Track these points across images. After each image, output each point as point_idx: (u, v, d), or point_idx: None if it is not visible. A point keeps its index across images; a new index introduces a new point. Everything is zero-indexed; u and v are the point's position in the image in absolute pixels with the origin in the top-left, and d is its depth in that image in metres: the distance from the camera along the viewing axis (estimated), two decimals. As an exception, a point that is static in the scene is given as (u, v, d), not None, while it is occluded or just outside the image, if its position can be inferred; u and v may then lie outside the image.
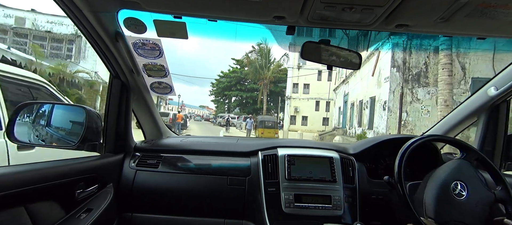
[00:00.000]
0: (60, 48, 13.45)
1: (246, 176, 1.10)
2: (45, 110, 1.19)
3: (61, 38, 13.36)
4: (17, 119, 0.99)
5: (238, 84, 33.16)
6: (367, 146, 1.20)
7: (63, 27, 13.12)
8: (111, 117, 1.08)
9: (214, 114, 45.29)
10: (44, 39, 13.13)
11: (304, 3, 0.71)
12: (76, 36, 13.02)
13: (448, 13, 0.71)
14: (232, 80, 33.35)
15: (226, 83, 34.16)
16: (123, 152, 1.14)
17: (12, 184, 0.70)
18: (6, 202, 0.69)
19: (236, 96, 34.97)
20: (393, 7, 0.70)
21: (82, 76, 12.40)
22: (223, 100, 38.75)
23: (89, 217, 0.86)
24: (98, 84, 13.11)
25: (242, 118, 24.27)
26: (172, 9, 0.82)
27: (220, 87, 35.68)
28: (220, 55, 74.89)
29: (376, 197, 1.08)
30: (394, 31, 0.86)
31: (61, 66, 11.12)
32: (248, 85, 32.74)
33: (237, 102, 35.21)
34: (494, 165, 0.91)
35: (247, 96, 32.43)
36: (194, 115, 52.35)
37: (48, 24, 13.13)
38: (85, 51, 13.49)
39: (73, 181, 0.88)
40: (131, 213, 1.07)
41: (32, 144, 1.03)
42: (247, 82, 32.95)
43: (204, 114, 55.78)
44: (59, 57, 12.84)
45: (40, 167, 0.81)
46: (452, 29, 0.83)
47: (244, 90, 33.14)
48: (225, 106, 39.60)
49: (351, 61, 0.98)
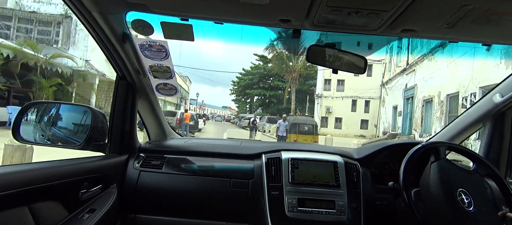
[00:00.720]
0: (46, 32, 11.18)
1: (250, 179, 1.10)
2: (51, 110, 1.20)
3: (48, 20, 11.11)
4: (23, 118, 1.01)
5: (260, 81, 30.65)
6: (371, 151, 1.19)
7: (51, 7, 11.06)
8: (117, 117, 1.09)
9: (236, 114, 42.80)
10: (30, 22, 11.07)
11: (310, 6, 0.71)
12: (65, 16, 10.98)
13: (454, 19, 0.72)
14: (254, 78, 30.98)
15: (248, 81, 31.64)
16: (127, 153, 1.14)
17: (15, 184, 0.70)
18: (9, 202, 0.69)
19: (258, 95, 32.32)
20: (399, 12, 0.70)
21: (66, 64, 10.10)
22: (244, 99, 36.42)
23: (92, 217, 0.86)
24: (92, 76, 11.14)
25: (265, 119, 21.77)
26: (179, 12, 0.83)
27: (241, 85, 33.12)
28: (245, 57, 76.18)
29: (381, 203, 1.07)
30: (400, 36, 0.86)
31: (30, 46, 8.59)
32: (271, 82, 30.15)
33: (260, 101, 32.56)
34: (508, 185, 0.88)
35: (270, 95, 29.87)
36: (215, 115, 51.45)
37: (35, 4, 11.09)
38: (75, 36, 11.18)
39: (77, 181, 0.89)
40: (134, 214, 1.06)
41: (38, 143, 1.03)
42: (270, 80, 30.40)
43: (226, 115, 54.75)
44: (44, 42, 10.50)
45: (44, 166, 0.82)
46: (457, 35, 0.83)
47: (267, 88, 30.46)
48: (246, 106, 37.36)
49: (356, 65, 0.98)
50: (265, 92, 30.38)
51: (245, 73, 33.03)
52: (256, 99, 33.47)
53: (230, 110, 65.22)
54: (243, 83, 32.54)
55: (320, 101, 21.95)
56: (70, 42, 11.25)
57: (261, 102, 32.41)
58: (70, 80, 10.60)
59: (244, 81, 32.35)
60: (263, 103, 32.30)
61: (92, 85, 11.63)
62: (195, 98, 37.39)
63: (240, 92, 34.90)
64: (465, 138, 1.29)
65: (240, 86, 33.91)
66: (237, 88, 35.31)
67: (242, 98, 36.29)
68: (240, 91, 34.57)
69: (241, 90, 33.70)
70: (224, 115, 50.36)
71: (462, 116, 1.27)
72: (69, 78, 10.44)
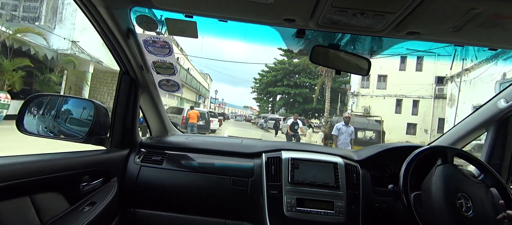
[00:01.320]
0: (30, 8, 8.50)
1: (249, 177, 1.10)
2: (54, 102, 1.21)
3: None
4: (27, 110, 1.01)
5: (285, 78, 27.17)
6: (372, 153, 1.19)
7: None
8: (119, 112, 1.09)
9: (257, 114, 40.67)
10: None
11: (315, 7, 0.71)
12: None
13: (461, 22, 0.71)
14: (278, 74, 27.65)
15: (271, 78, 28.55)
16: (128, 147, 1.15)
17: (18, 174, 0.71)
18: (12, 192, 0.70)
19: (282, 94, 28.68)
20: (404, 14, 0.70)
21: (41, 45, 7.79)
22: (266, 98, 33.20)
23: (93, 210, 0.87)
24: (83, 63, 9.16)
25: (291, 119, 18.01)
26: (183, 8, 0.83)
27: (264, 82, 30.24)
28: (266, 57, 73.97)
29: (380, 206, 1.07)
30: (405, 38, 0.86)
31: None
32: (297, 79, 26.77)
33: (283, 100, 29.04)
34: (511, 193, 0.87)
35: (295, 93, 26.40)
36: (236, 115, 50.45)
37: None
38: (63, 11, 8.85)
39: (78, 173, 0.89)
40: (134, 208, 1.07)
41: (40, 135, 1.04)
42: (296, 76, 27.18)
43: (247, 114, 53.65)
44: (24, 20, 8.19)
45: (47, 158, 0.82)
46: (464, 39, 0.82)
47: (292, 86, 26.95)
48: (268, 105, 34.23)
49: (359, 67, 0.98)
50: (289, 90, 26.95)
51: (268, 70, 30.05)
52: (279, 98, 30.17)
53: (251, 110, 64.67)
54: (266, 81, 29.74)
55: (356, 101, 18.03)
56: (56, 20, 8.77)
57: (285, 102, 29.02)
58: (51, 65, 8.31)
59: (267, 79, 29.52)
60: (286, 102, 28.93)
61: (84, 74, 9.62)
62: (215, 97, 35.15)
63: (262, 91, 31.98)
64: (468, 142, 1.28)
65: (262, 84, 31.10)
66: (259, 86, 32.51)
67: (264, 97, 33.13)
68: (262, 90, 31.50)
69: (263, 88, 30.82)
70: (245, 115, 48.48)
71: (465, 121, 1.26)
72: (46, 62, 8.11)
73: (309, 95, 25.89)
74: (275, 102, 31.45)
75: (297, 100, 26.81)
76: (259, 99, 34.86)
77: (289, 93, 27.34)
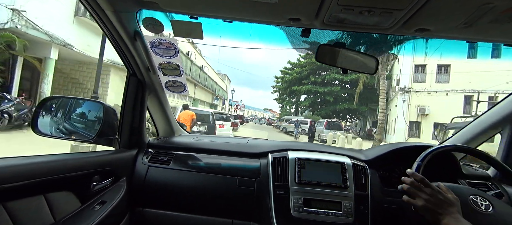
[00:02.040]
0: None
1: (256, 177, 1.10)
2: (65, 104, 1.25)
3: None
4: (40, 112, 1.05)
5: (311, 75, 23.32)
6: (380, 153, 1.17)
7: None
8: (127, 113, 1.12)
9: (278, 117, 35.92)
10: None
11: (320, 5, 0.70)
12: None
13: (473, 18, 0.68)
14: (303, 71, 23.85)
15: (295, 75, 24.78)
16: (136, 148, 1.17)
17: (33, 173, 0.74)
18: (28, 191, 0.73)
19: (307, 93, 24.60)
20: (413, 11, 0.68)
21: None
22: (289, 99, 28.82)
23: (103, 209, 0.89)
24: (39, 46, 6.60)
25: (323, 124, 16.12)
26: (189, 10, 0.84)
27: (287, 81, 26.32)
28: (288, 59, 72.04)
29: (390, 207, 1.05)
30: (413, 35, 0.84)
31: None
32: (326, 76, 23.15)
33: (309, 101, 24.71)
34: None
35: (324, 92, 22.32)
36: (255, 117, 48.87)
37: None
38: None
39: (89, 173, 0.92)
40: (142, 207, 1.09)
41: (53, 136, 1.07)
42: (324, 73, 23.39)
43: (267, 117, 51.34)
44: None
45: (60, 158, 0.85)
46: (476, 34, 0.79)
47: (319, 83, 23.00)
48: (291, 107, 29.81)
49: (367, 65, 0.96)
50: (317, 89, 22.88)
51: (290, 67, 26.21)
52: (305, 98, 25.76)
53: (271, 113, 63.57)
54: (289, 79, 25.68)
55: (407, 99, 14.54)
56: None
57: (311, 102, 24.76)
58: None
59: (291, 76, 25.66)
60: (313, 103, 24.81)
61: (46, 62, 6.99)
62: (232, 98, 31.21)
63: (284, 90, 27.54)
64: (480, 142, 1.24)
65: (285, 83, 26.76)
66: (281, 86, 28.01)
67: (287, 97, 28.66)
68: (285, 89, 27.14)
69: (286, 87, 26.43)
70: (267, 118, 44.82)
71: (478, 119, 1.21)
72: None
73: (341, 94, 22.34)
74: (300, 103, 27.06)
75: (327, 100, 22.69)
76: (281, 100, 30.41)
77: (317, 92, 23.32)
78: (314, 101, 24.62)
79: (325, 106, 23.35)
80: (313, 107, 25.40)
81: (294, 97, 27.63)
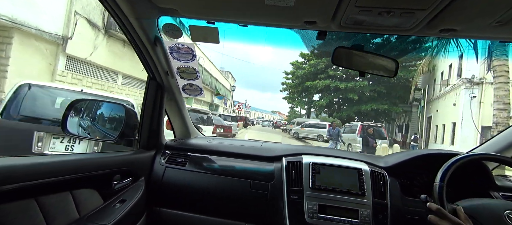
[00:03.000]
0: None
1: (269, 181, 1.09)
2: (91, 106, 1.33)
3: None
4: (70, 113, 1.13)
5: (330, 68, 18.76)
6: (401, 160, 1.11)
7: None
8: (146, 115, 1.16)
9: (286, 120, 30.96)
10: None
11: (337, 7, 0.69)
12: None
13: (509, 15, 0.63)
14: (319, 63, 19.45)
15: (309, 69, 20.21)
16: (155, 149, 1.21)
17: (62, 171, 0.79)
18: (56, 187, 0.78)
19: (323, 91, 19.94)
20: (438, 10, 0.64)
21: None
22: (300, 98, 23.12)
23: (123, 207, 0.93)
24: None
25: (357, 130, 11.11)
26: (206, 15, 0.86)
27: (299, 76, 21.48)
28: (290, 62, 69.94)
29: (411, 217, 0.99)
30: (438, 36, 0.79)
31: None
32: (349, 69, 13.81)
33: (327, 99, 19.68)
34: None
35: (346, 88, 17.79)
36: (262, 119, 47.25)
37: None
38: None
39: (111, 172, 0.97)
40: (159, 207, 1.12)
41: (80, 136, 1.15)
42: None
43: (275, 120, 48.16)
44: None
45: (85, 157, 0.91)
46: (511, 34, 0.73)
47: (340, 77, 18.71)
48: (303, 107, 24.22)
49: (386, 68, 0.92)
50: (337, 84, 18.08)
51: (303, 61, 21.40)
52: (319, 97, 20.83)
53: (279, 115, 61.65)
54: (302, 73, 20.92)
55: (478, 94, 10.59)
56: None
57: (328, 101, 19.65)
58: None
59: (304, 70, 21.01)
60: (330, 102, 19.83)
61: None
62: (237, 99, 26.46)
63: (295, 87, 22.24)
64: None
65: (297, 79, 21.77)
66: (292, 82, 22.88)
67: (298, 96, 22.99)
68: (296, 86, 21.92)
69: (299, 83, 21.41)
70: (275, 121, 40.84)
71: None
72: None
73: (368, 89, 17.26)
74: (315, 102, 21.35)
75: (349, 99, 17.98)
76: (291, 99, 24.53)
77: (337, 89, 18.21)
78: (330, 102, 19.70)
79: (346, 108, 18.54)
80: (330, 108, 20.10)
81: (307, 96, 21.97)
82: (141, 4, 0.83)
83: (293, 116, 27.43)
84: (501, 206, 0.73)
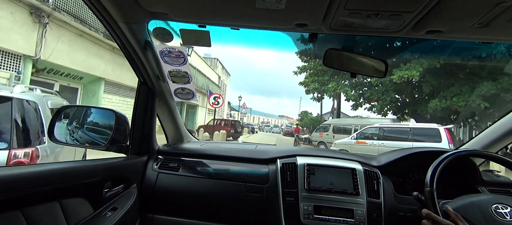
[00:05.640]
0: None
1: (264, 184, 1.09)
2: (79, 113, 1.30)
3: None
4: (57, 121, 1.09)
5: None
6: (393, 158, 1.13)
7: None
8: (138, 120, 1.14)
9: (297, 123, 25.15)
10: None
11: (327, 10, 0.70)
12: None
13: (488, 17, 0.66)
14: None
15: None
16: (147, 154, 1.19)
17: (49, 180, 0.76)
18: (44, 196, 0.75)
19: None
20: (424, 13, 0.67)
21: None
22: (322, 88, 13.84)
23: (115, 215, 0.90)
24: None
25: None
26: (197, 19, 0.85)
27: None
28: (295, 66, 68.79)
29: (404, 215, 1.00)
30: (424, 37, 0.82)
31: None
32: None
33: (390, 96, 10.93)
34: None
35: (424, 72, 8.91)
36: (266, 124, 43.46)
37: None
38: None
39: (101, 180, 0.94)
40: (152, 214, 1.10)
41: (68, 143, 1.11)
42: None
43: (283, 125, 44.02)
44: None
45: (74, 165, 0.88)
46: (492, 35, 0.76)
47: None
48: (350, 94, 12.39)
49: (376, 69, 0.94)
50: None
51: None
52: (372, 92, 11.63)
53: (287, 119, 59.05)
54: None
55: None
56: None
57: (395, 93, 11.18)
58: None
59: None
60: (400, 91, 11.21)
61: None
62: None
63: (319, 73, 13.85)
64: (503, 146, 1.17)
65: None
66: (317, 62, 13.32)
67: (322, 87, 13.92)
68: (317, 73, 13.97)
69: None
70: (285, 128, 33.63)
71: (500, 122, 1.16)
72: None
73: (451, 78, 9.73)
74: (349, 94, 12.62)
75: (421, 88, 10.50)
76: (318, 82, 14.19)
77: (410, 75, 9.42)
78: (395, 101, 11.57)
79: (418, 103, 10.98)
80: (395, 105, 11.85)
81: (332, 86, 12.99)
82: (130, 8, 0.82)
83: (307, 119, 20.64)
84: (487, 201, 0.76)
